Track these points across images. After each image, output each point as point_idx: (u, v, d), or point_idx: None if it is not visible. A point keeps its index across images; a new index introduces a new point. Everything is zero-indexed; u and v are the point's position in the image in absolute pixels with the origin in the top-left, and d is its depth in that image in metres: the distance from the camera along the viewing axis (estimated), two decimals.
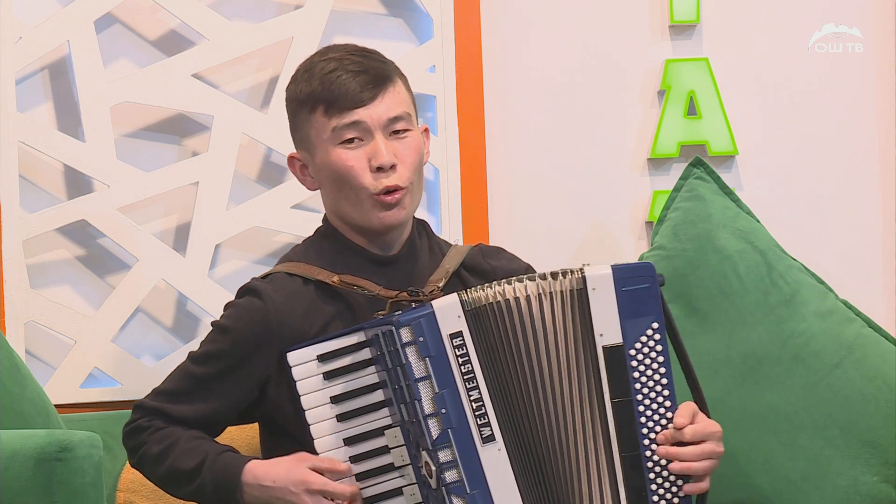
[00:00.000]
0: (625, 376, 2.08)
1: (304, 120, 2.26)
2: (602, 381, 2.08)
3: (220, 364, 2.22)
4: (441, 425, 2.03)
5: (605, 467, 2.08)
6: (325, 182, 2.27)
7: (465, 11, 3.05)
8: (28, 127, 2.88)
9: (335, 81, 2.22)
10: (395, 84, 2.26)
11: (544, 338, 2.09)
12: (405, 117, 2.25)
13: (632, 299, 2.08)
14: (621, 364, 2.08)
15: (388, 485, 2.12)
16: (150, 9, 2.97)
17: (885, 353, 2.88)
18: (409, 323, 2.05)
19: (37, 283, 2.90)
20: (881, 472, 2.81)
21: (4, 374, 2.54)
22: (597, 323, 2.08)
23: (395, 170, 2.23)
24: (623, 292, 2.08)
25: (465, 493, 2.03)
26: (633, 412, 2.08)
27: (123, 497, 2.62)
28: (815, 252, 3.17)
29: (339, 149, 2.23)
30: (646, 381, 2.09)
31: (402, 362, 2.05)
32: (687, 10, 3.15)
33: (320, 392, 2.14)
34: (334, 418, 2.13)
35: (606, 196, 3.15)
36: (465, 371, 2.05)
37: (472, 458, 2.04)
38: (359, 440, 2.12)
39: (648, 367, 2.09)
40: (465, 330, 2.06)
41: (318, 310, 2.23)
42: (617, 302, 2.08)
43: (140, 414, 2.25)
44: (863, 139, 3.24)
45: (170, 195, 2.97)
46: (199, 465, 2.16)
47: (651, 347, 2.09)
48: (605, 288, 2.08)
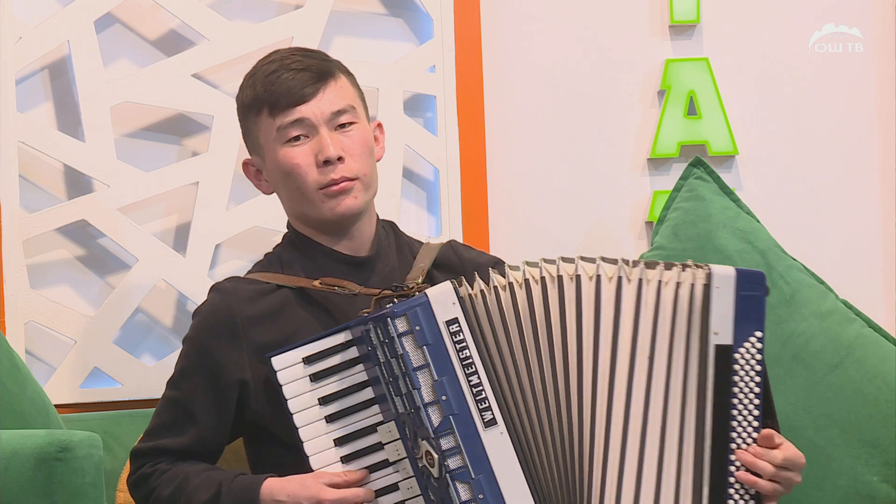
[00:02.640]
0: (729, 378, 2.07)
1: (252, 124, 2.27)
2: (707, 378, 2.07)
3: (195, 379, 2.22)
4: (442, 412, 2.04)
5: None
6: (278, 182, 2.27)
7: (465, 11, 3.05)
8: (28, 127, 2.88)
9: (276, 81, 2.22)
10: (336, 79, 2.25)
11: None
12: (349, 110, 2.24)
13: (746, 304, 2.08)
14: (728, 365, 2.07)
15: (383, 481, 2.12)
16: (150, 9, 2.97)
17: (885, 353, 2.89)
18: (405, 312, 2.05)
19: (37, 283, 2.90)
20: (881, 472, 2.81)
21: (4, 374, 2.54)
22: (714, 321, 2.07)
23: (342, 161, 2.22)
24: (741, 296, 2.08)
25: (470, 479, 2.03)
26: (729, 414, 2.07)
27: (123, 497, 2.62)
28: (815, 252, 3.17)
29: (286, 147, 2.23)
30: (742, 387, 2.08)
31: (398, 353, 2.05)
32: (687, 10, 3.15)
33: (308, 394, 2.13)
34: (323, 419, 2.12)
35: (606, 196, 3.16)
36: (464, 357, 2.05)
37: (475, 443, 2.04)
38: (350, 439, 2.12)
39: (748, 373, 2.08)
40: (460, 316, 2.06)
41: (288, 314, 2.23)
42: (735, 304, 2.08)
43: (139, 462, 2.24)
44: (863, 139, 3.24)
45: (170, 195, 2.97)
46: (214, 495, 2.14)
47: (752, 355, 2.08)
48: (728, 288, 2.08)
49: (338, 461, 2.12)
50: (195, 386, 2.22)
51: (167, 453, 2.22)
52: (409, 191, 3.08)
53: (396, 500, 2.11)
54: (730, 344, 2.07)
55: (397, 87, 3.02)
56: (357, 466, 2.12)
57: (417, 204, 3.08)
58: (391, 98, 3.01)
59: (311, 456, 2.12)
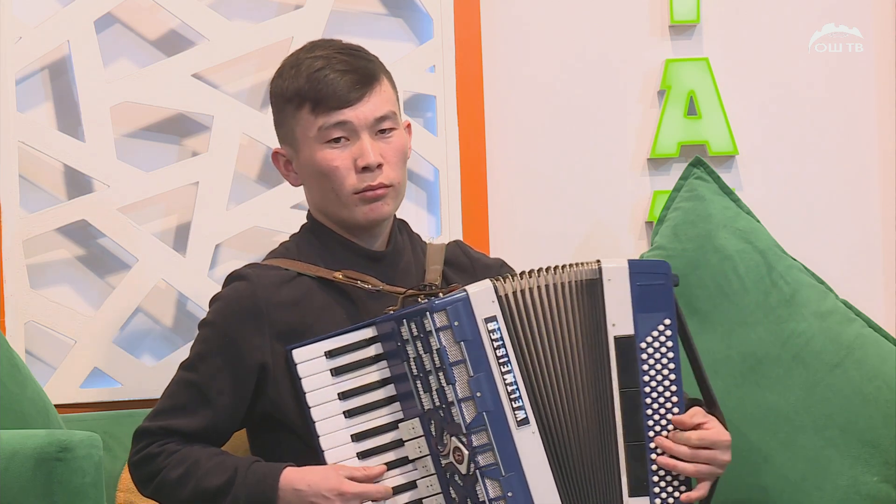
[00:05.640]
0: (634, 367, 2.10)
1: (290, 116, 2.27)
2: (612, 370, 2.10)
3: (215, 362, 2.21)
4: (476, 409, 2.06)
5: (612, 455, 2.10)
6: (310, 179, 2.28)
7: (465, 11, 3.05)
8: (28, 127, 2.88)
9: (322, 80, 2.22)
10: (381, 83, 2.27)
11: (563, 326, 2.13)
12: (391, 116, 2.27)
13: (646, 294, 2.11)
14: (631, 355, 2.10)
15: (402, 478, 2.12)
16: (150, 9, 2.97)
17: (885, 353, 2.88)
18: (445, 307, 2.07)
19: (37, 283, 2.90)
20: (881, 472, 2.81)
21: (4, 374, 2.54)
22: (610, 313, 2.11)
23: (380, 169, 2.24)
24: (637, 286, 2.12)
25: (501, 476, 2.05)
26: (640, 403, 2.11)
27: (123, 497, 2.62)
28: (815, 252, 3.17)
29: (325, 148, 2.24)
30: (654, 375, 2.11)
31: (433, 347, 2.07)
32: (687, 10, 3.15)
33: (328, 388, 2.14)
34: (342, 414, 2.13)
35: (606, 196, 3.16)
36: (500, 355, 2.09)
37: (507, 441, 2.06)
38: (369, 435, 2.13)
39: (658, 361, 2.12)
40: (498, 315, 2.09)
41: (309, 301, 2.23)
42: (631, 294, 2.11)
43: (145, 441, 2.22)
44: (863, 139, 3.24)
45: (170, 195, 2.97)
46: (228, 480, 2.13)
47: (662, 343, 2.12)
48: (621, 280, 2.12)
49: (354, 457, 2.12)
50: (214, 370, 2.21)
51: (177, 434, 2.20)
52: (409, 191, 3.07)
53: (414, 498, 2.12)
54: (630, 335, 2.10)
55: (397, 86, 3.01)
56: (374, 462, 2.12)
57: (417, 204, 3.08)
58: None
59: (328, 450, 2.13)
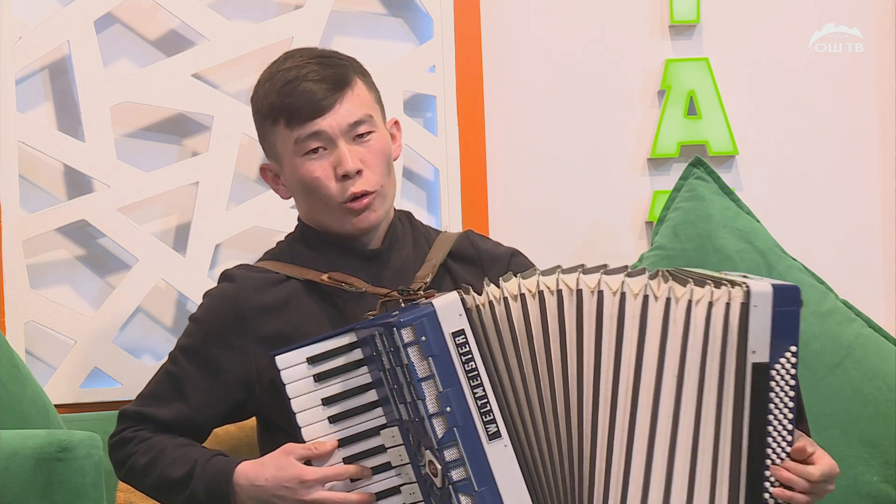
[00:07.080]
0: (766, 395, 2.03)
1: (269, 132, 2.25)
2: (745, 397, 2.03)
3: (195, 359, 2.23)
4: (446, 424, 2.02)
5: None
6: (297, 192, 2.27)
7: (465, 11, 3.05)
8: (28, 127, 2.88)
9: (292, 93, 2.20)
10: (353, 86, 2.23)
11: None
12: (367, 120, 2.23)
13: (782, 321, 2.04)
14: (765, 382, 2.03)
15: (384, 484, 2.11)
16: (150, 9, 2.97)
17: (885, 353, 2.88)
18: (411, 323, 2.02)
19: (37, 283, 2.90)
20: (881, 472, 2.81)
21: (4, 374, 2.53)
22: (752, 340, 2.02)
23: (361, 175, 2.21)
24: (778, 312, 2.03)
25: (473, 491, 2.02)
26: (765, 430, 2.04)
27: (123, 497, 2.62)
28: (815, 252, 3.17)
29: (305, 160, 2.22)
30: (777, 403, 2.05)
31: (403, 362, 2.03)
32: (687, 10, 3.15)
33: (311, 394, 2.13)
34: (326, 420, 2.12)
35: (606, 196, 3.16)
36: (469, 369, 2.03)
37: (478, 455, 2.02)
38: (353, 440, 2.12)
39: (782, 388, 2.05)
40: (466, 328, 2.04)
41: (294, 305, 2.23)
42: (772, 321, 2.03)
43: (124, 424, 2.25)
44: (863, 139, 3.24)
45: (170, 195, 2.97)
46: (188, 472, 2.15)
47: (787, 370, 2.05)
48: (766, 306, 2.03)
49: (339, 462, 2.12)
50: (191, 367, 2.23)
51: (151, 421, 2.23)
52: (409, 191, 3.08)
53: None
54: (766, 362, 2.03)
55: (397, 87, 3.02)
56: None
57: (417, 204, 3.08)
58: (391, 98, 3.01)
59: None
